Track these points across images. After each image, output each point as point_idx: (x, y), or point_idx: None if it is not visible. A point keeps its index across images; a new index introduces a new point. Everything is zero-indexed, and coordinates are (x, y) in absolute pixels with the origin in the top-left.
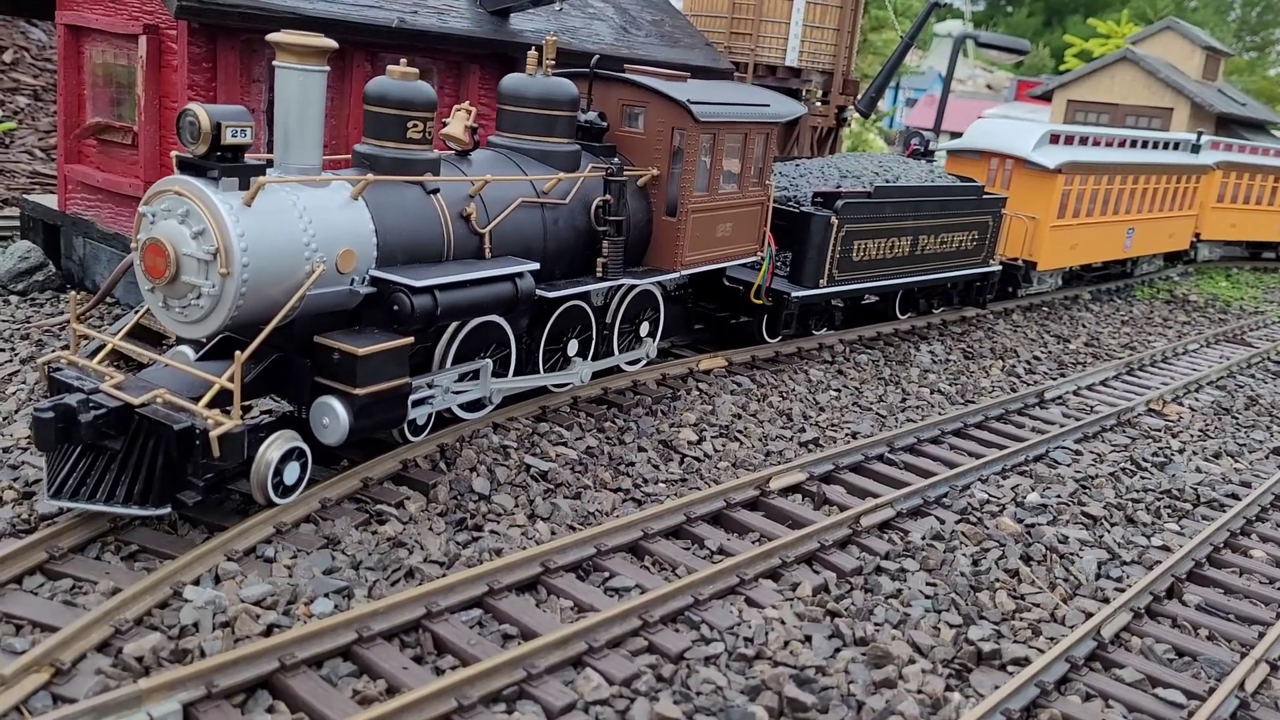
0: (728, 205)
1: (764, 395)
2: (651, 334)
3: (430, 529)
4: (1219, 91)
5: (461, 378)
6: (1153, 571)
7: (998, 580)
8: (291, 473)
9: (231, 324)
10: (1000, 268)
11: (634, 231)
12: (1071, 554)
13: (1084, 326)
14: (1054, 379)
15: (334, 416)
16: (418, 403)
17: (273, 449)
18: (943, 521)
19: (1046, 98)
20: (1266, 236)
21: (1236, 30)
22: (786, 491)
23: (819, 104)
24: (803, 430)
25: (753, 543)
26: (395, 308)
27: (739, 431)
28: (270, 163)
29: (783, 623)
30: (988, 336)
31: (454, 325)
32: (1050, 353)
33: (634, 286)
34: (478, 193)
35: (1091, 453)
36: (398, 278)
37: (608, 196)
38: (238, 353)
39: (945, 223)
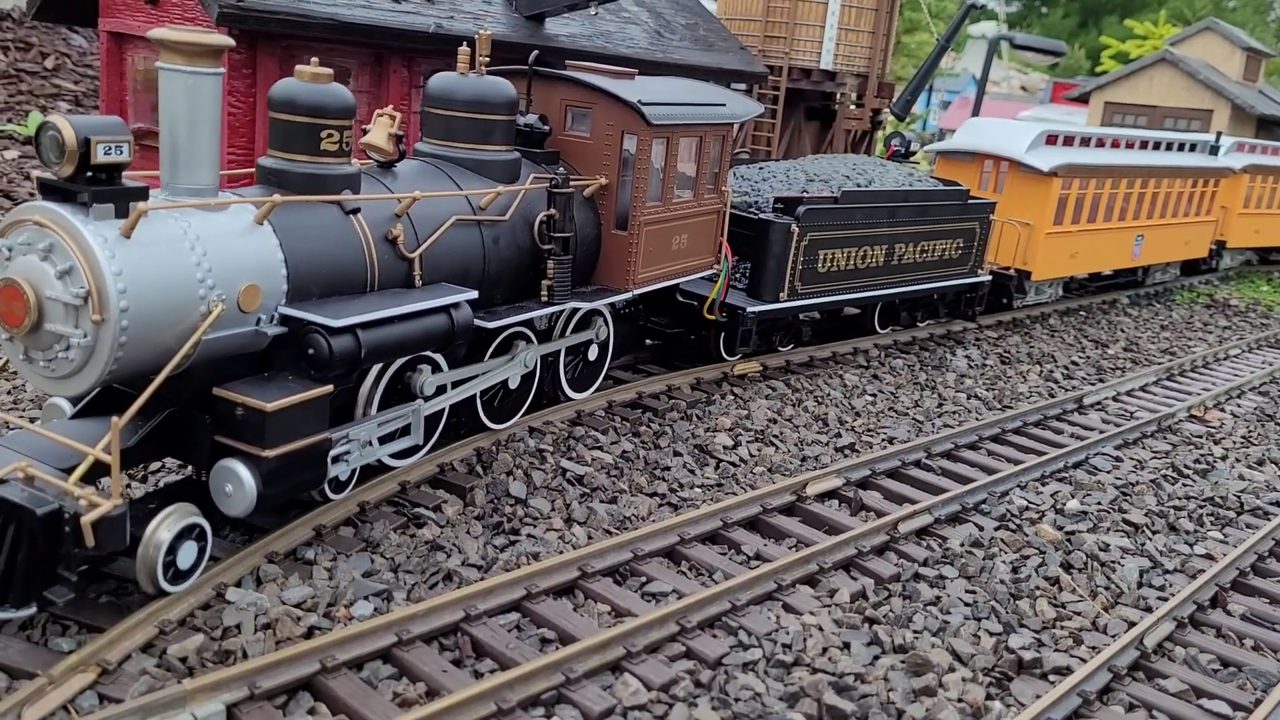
0: (683, 215)
1: (799, 400)
2: (600, 358)
3: (468, 532)
4: (1260, 93)
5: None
6: (1196, 580)
7: (1038, 588)
8: (188, 554)
9: (110, 378)
10: (989, 278)
11: (581, 247)
12: (1113, 562)
13: (1122, 331)
14: (1093, 384)
15: (238, 483)
16: (341, 456)
17: (164, 527)
18: (981, 528)
19: (1083, 99)
20: None
21: (1278, 31)
22: (823, 497)
23: (854, 107)
24: (839, 435)
25: (790, 548)
26: (310, 351)
27: (774, 436)
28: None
29: (821, 629)
30: (1024, 341)
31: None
32: (1088, 358)
33: (582, 309)
34: (405, 211)
35: (1132, 459)
36: (312, 316)
37: (553, 211)
38: (114, 419)
39: (926, 230)
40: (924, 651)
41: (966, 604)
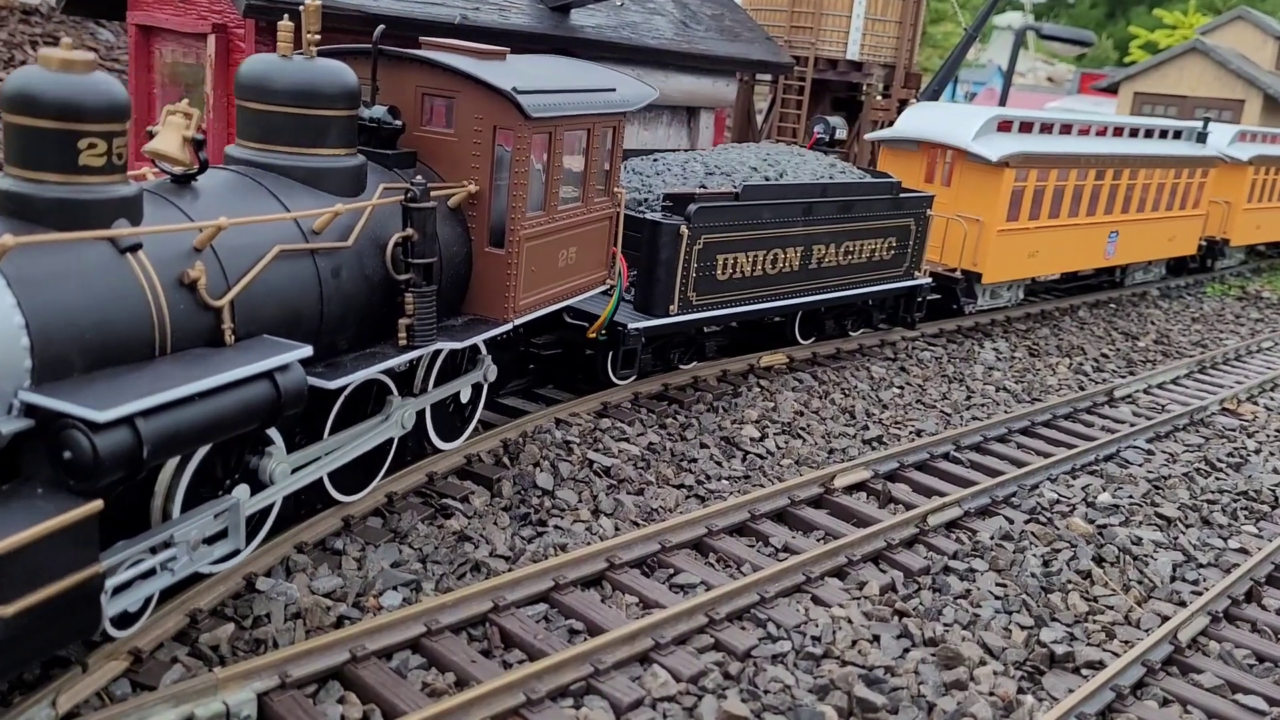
0: (570, 225)
1: (826, 392)
2: (475, 398)
3: (495, 524)
4: None
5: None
6: (1230, 575)
7: (1069, 581)
8: None
9: None
10: (929, 281)
11: (448, 270)
12: (1145, 556)
13: (1153, 324)
14: (1123, 377)
15: None
16: (125, 585)
17: None
18: (1011, 521)
19: (1112, 90)
20: None
21: None
22: (851, 489)
23: (880, 97)
24: (866, 428)
25: (818, 541)
26: (67, 455)
27: (801, 428)
28: None
29: (850, 622)
30: (1053, 334)
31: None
32: (1118, 350)
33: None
34: (208, 243)
35: (1164, 453)
36: (68, 404)
37: (410, 231)
38: None
39: (849, 229)
40: (954, 644)
41: (997, 597)
